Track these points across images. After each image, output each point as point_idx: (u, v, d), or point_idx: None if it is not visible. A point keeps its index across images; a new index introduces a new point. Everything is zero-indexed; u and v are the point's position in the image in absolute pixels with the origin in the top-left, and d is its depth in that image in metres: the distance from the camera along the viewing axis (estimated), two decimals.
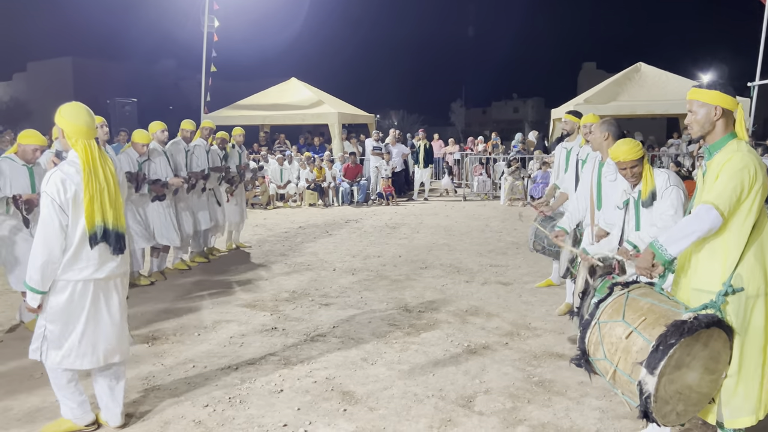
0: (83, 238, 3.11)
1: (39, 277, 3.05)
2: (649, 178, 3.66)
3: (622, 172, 3.71)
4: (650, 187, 3.65)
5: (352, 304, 6.07)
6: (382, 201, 14.33)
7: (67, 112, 3.16)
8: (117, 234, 3.20)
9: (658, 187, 3.64)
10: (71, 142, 3.14)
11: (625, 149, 3.62)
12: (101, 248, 3.16)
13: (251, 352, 4.76)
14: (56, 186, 3.04)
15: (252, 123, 17.09)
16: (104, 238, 3.14)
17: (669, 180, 3.64)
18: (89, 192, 3.07)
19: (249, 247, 9.14)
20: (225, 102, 18.05)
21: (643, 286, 3.07)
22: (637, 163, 3.64)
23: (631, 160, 3.62)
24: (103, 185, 3.13)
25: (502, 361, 4.52)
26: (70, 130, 3.14)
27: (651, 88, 15.87)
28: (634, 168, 3.65)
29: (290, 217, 12.53)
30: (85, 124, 3.15)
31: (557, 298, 6.12)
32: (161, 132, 7.09)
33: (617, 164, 3.71)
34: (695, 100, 2.91)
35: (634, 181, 3.72)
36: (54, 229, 3.04)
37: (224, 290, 6.67)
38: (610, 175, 4.51)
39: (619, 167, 3.71)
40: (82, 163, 3.10)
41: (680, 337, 2.65)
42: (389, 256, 8.31)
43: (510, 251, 8.59)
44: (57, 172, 3.08)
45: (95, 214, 3.10)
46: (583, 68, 64.75)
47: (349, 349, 4.80)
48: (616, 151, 3.65)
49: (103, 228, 3.13)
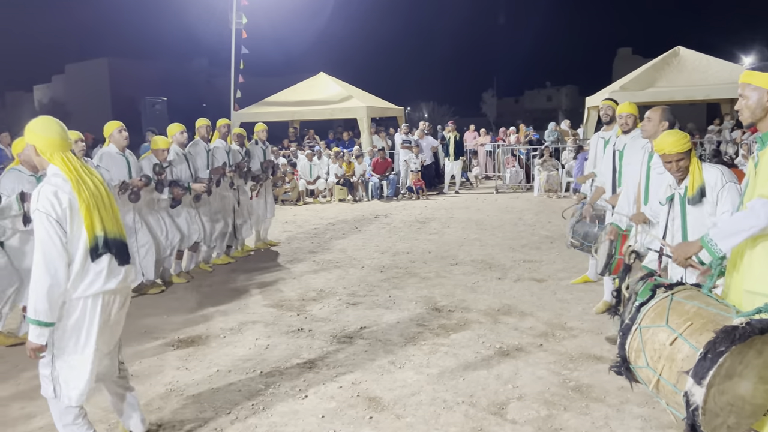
0: (86, 251, 2.90)
1: (46, 306, 2.76)
2: (697, 173, 3.39)
3: (667, 165, 3.44)
4: (698, 183, 3.38)
5: (380, 303, 5.92)
6: (412, 195, 14.13)
7: (37, 127, 2.94)
8: (119, 243, 3.02)
9: (711, 185, 3.35)
10: (47, 157, 2.92)
11: (671, 141, 3.36)
12: (107, 259, 2.96)
13: (276, 356, 4.65)
14: (49, 200, 2.79)
15: (281, 119, 17.07)
16: (106, 248, 2.94)
17: (723, 177, 3.34)
18: (84, 200, 2.86)
19: (278, 245, 9.07)
20: (256, 98, 18.06)
21: (689, 287, 2.82)
22: (683, 156, 3.38)
23: (677, 153, 3.36)
24: (95, 193, 2.94)
25: (536, 364, 4.31)
26: (43, 145, 2.92)
27: (690, 73, 15.25)
28: (680, 161, 3.39)
29: (320, 213, 12.45)
30: (58, 135, 2.93)
31: (594, 296, 5.86)
32: (180, 134, 7.00)
33: (662, 157, 3.44)
34: (747, 83, 2.65)
35: (680, 176, 3.45)
36: (54, 247, 2.78)
37: (251, 290, 6.60)
38: (659, 167, 4.21)
39: (663, 160, 3.44)
40: (66, 174, 2.88)
41: (731, 345, 2.41)
42: (419, 252, 8.13)
43: (544, 245, 8.32)
44: (45, 186, 2.84)
45: (95, 223, 2.90)
46: (619, 54, 63.10)
47: (377, 352, 4.65)
48: (662, 143, 3.39)
49: (104, 238, 2.93)
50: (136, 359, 4.60)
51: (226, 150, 7.77)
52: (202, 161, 7.32)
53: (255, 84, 21.67)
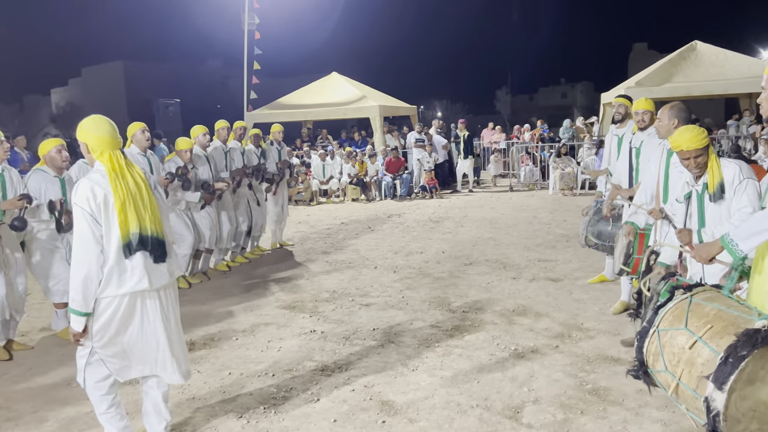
0: (120, 248, 2.94)
1: (81, 297, 2.87)
2: (716, 169, 3.30)
3: (684, 162, 3.35)
4: (717, 180, 3.28)
5: (393, 304, 5.87)
6: (426, 194, 14.06)
7: (89, 125, 3.04)
8: (156, 240, 3.03)
9: (729, 181, 3.27)
10: (96, 155, 3.01)
11: (688, 137, 3.27)
12: (142, 257, 2.99)
13: (288, 358, 4.62)
14: (85, 194, 2.89)
15: (294, 119, 17.08)
16: (141, 245, 2.97)
17: (741, 172, 3.25)
18: (119, 196, 2.91)
19: (292, 246, 9.06)
20: (269, 99, 18.11)
21: (709, 289, 2.74)
22: (701, 152, 3.29)
23: (695, 149, 3.27)
24: (134, 190, 2.98)
25: (552, 367, 4.23)
26: (94, 143, 3.01)
27: (708, 68, 15.00)
28: (698, 158, 3.30)
29: (333, 212, 12.43)
30: (108, 134, 3.02)
31: (611, 296, 5.76)
32: (203, 136, 7.06)
33: (679, 153, 3.35)
34: None
35: (698, 173, 3.36)
36: (89, 241, 2.87)
37: (264, 291, 6.58)
38: (680, 166, 4.12)
39: (681, 157, 3.35)
40: (108, 171, 2.97)
41: (753, 348, 2.33)
42: (432, 252, 8.07)
43: (560, 244, 8.22)
44: (84, 181, 2.95)
45: (129, 220, 2.94)
46: (634, 49, 62.38)
47: (389, 354, 4.60)
48: (679, 140, 3.30)
49: (138, 235, 2.96)
50: None
51: (241, 151, 7.78)
52: (221, 162, 7.35)
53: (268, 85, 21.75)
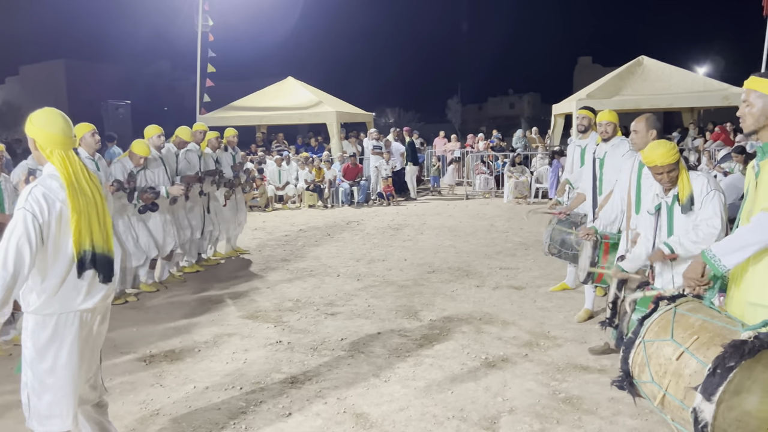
0: (69, 265, 2.66)
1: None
2: (686, 182, 3.38)
3: (657, 176, 3.43)
4: (688, 192, 3.37)
5: (359, 313, 5.78)
6: (383, 201, 14.03)
7: (39, 120, 2.71)
8: (105, 259, 2.76)
9: (697, 193, 3.36)
10: (46, 154, 2.70)
11: (662, 152, 3.34)
12: (89, 276, 2.72)
13: (255, 370, 4.46)
14: (38, 203, 2.56)
15: (248, 123, 16.77)
16: (92, 264, 2.69)
17: (709, 184, 3.35)
18: (76, 210, 2.63)
19: (248, 253, 8.83)
20: (221, 102, 17.70)
21: (691, 299, 2.77)
22: (674, 166, 3.37)
23: (668, 164, 3.35)
24: (90, 201, 2.71)
25: (523, 376, 4.23)
26: (44, 140, 2.69)
27: (654, 82, 15.59)
28: (671, 172, 3.37)
29: (290, 219, 12.22)
30: (61, 132, 2.71)
31: (574, 304, 5.84)
32: (157, 137, 6.76)
33: (652, 169, 3.42)
34: (753, 89, 2.61)
35: (669, 186, 3.44)
36: (27, 249, 2.50)
37: (224, 300, 6.37)
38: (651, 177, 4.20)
39: (654, 172, 3.42)
40: (63, 178, 2.65)
41: (740, 359, 2.36)
42: (394, 260, 8.02)
43: (519, 252, 8.31)
44: (37, 187, 2.61)
45: (83, 236, 2.66)
46: (579, 62, 64.46)
47: (360, 364, 4.50)
48: (652, 155, 3.37)
49: (91, 253, 2.69)
50: (107, 376, 4.30)
51: (198, 154, 7.53)
52: (172, 165, 7.10)
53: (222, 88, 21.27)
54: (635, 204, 4.45)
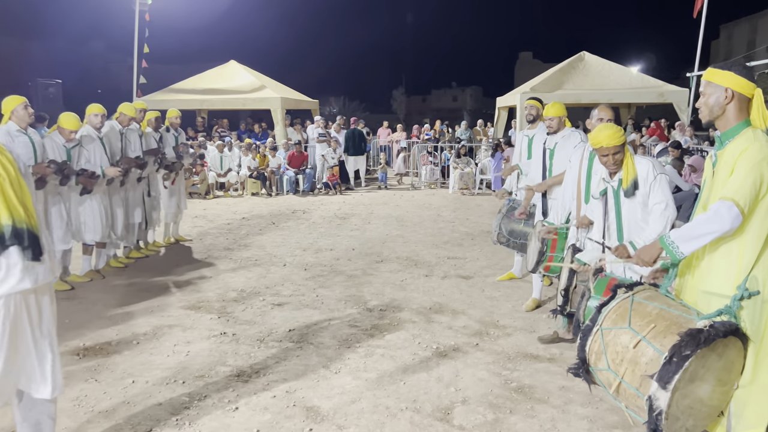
0: None
1: None
2: (630, 166, 3.44)
3: (603, 159, 3.47)
4: (632, 176, 3.43)
5: (307, 303, 5.63)
6: (329, 190, 13.84)
7: None
8: (30, 234, 2.56)
9: (643, 177, 3.43)
10: None
11: (608, 134, 3.38)
12: (16, 253, 2.52)
13: (199, 363, 4.26)
14: None
15: (188, 107, 16.15)
16: (15, 239, 2.50)
17: (654, 168, 3.42)
18: None
19: (189, 241, 8.50)
20: (158, 86, 16.99)
21: (648, 288, 2.79)
22: (619, 149, 3.42)
23: (614, 146, 3.39)
24: (3, 175, 2.50)
25: (475, 365, 4.21)
26: None
27: (594, 78, 16.02)
28: (616, 155, 3.42)
29: (232, 207, 11.87)
30: None
31: (522, 293, 5.89)
32: (95, 116, 6.38)
33: (598, 150, 3.45)
34: (709, 81, 2.64)
35: (614, 169, 3.49)
36: None
37: (164, 290, 6.08)
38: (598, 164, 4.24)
39: (600, 153, 3.46)
40: None
41: (696, 348, 2.37)
42: (342, 249, 7.89)
43: (466, 242, 8.34)
44: None
45: (0, 211, 2.47)
46: (520, 58, 65.83)
47: (309, 356, 4.37)
48: (598, 137, 3.40)
49: (12, 228, 2.49)
50: None
51: (140, 134, 7.16)
52: (116, 145, 6.74)
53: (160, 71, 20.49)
54: (585, 194, 4.50)
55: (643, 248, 2.78)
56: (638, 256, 2.78)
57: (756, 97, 2.59)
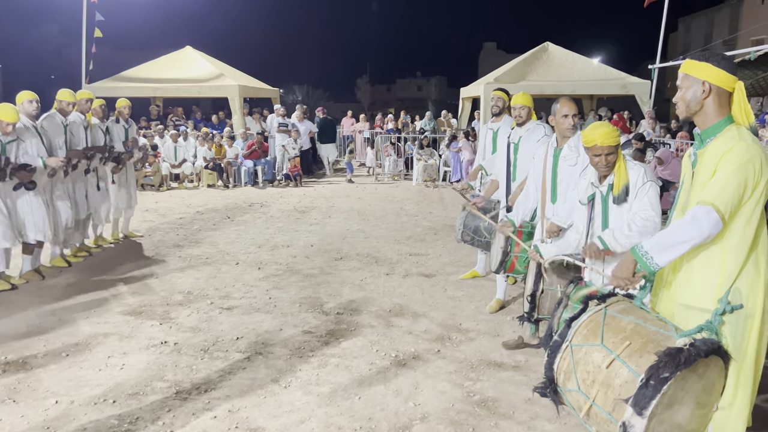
0: None
1: None
2: (622, 171, 3.17)
3: (595, 159, 3.18)
4: (624, 182, 3.15)
5: (259, 306, 5.27)
6: (289, 182, 13.41)
7: None
8: None
9: (633, 183, 3.15)
10: None
11: (603, 132, 3.10)
12: None
13: (134, 378, 3.88)
14: None
15: (142, 95, 15.47)
16: None
17: (645, 175, 3.16)
18: None
19: (141, 237, 8.02)
20: (111, 72, 16.21)
21: (622, 299, 2.54)
22: (613, 150, 3.14)
23: (608, 146, 3.11)
24: None
25: (436, 376, 3.94)
26: None
27: (558, 69, 15.90)
28: (609, 156, 3.14)
29: (186, 200, 11.35)
30: None
31: (485, 293, 5.65)
32: (29, 102, 5.88)
33: (591, 150, 3.17)
34: (686, 74, 2.39)
35: (606, 172, 3.21)
36: None
37: (105, 293, 5.64)
38: (570, 159, 3.97)
39: (592, 153, 3.17)
40: None
41: (676, 370, 2.13)
42: (300, 246, 7.53)
43: (428, 238, 8.08)
44: None
45: None
46: (484, 48, 65.90)
47: (257, 368, 4.03)
48: (593, 135, 3.11)
49: None
50: None
51: (85, 126, 6.65)
52: (60, 138, 6.24)
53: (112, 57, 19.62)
54: (551, 192, 4.25)
55: (618, 266, 2.50)
56: (615, 275, 2.51)
57: (737, 91, 2.35)
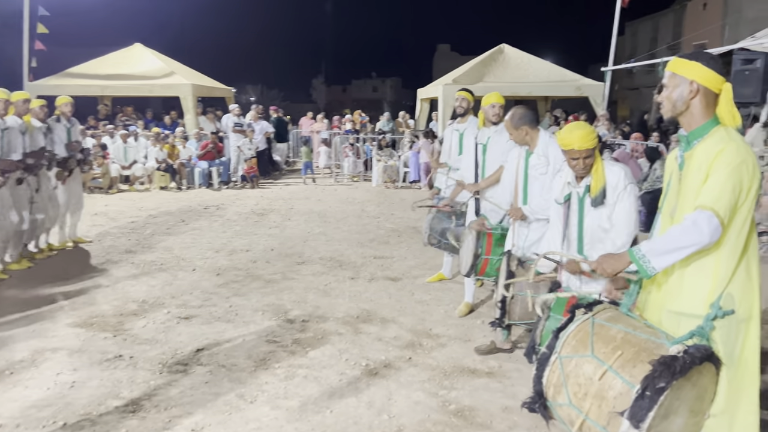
0: None
1: None
2: (600, 172, 3.09)
3: (572, 162, 3.09)
4: (601, 183, 3.08)
5: (219, 315, 5.03)
6: (245, 184, 13.06)
7: None
8: None
9: (612, 185, 3.08)
10: None
11: (580, 135, 3.01)
12: None
13: (86, 397, 3.59)
14: None
15: (89, 94, 14.83)
16: None
17: (626, 176, 3.09)
18: None
19: (89, 242, 7.61)
20: (57, 70, 15.47)
21: (608, 307, 2.45)
22: (591, 152, 3.06)
23: (586, 149, 3.02)
24: None
25: (409, 385, 3.80)
26: None
27: (514, 70, 16.06)
28: (587, 159, 3.06)
29: (137, 203, 10.89)
30: None
31: (453, 296, 5.55)
32: None
33: (568, 153, 3.08)
34: (674, 72, 2.32)
35: (583, 174, 3.12)
36: None
37: (52, 304, 5.27)
38: (541, 168, 3.93)
39: (569, 156, 3.08)
40: None
41: (672, 379, 2.05)
42: (260, 250, 7.28)
43: (392, 240, 7.95)
44: None
45: None
46: (438, 50, 66.32)
47: (220, 382, 3.81)
48: (570, 138, 3.02)
49: None
50: None
51: (22, 131, 6.20)
52: None
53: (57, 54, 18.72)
54: (522, 195, 4.19)
55: (609, 257, 2.42)
56: (600, 263, 2.42)
57: (724, 92, 2.29)
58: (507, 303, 3.79)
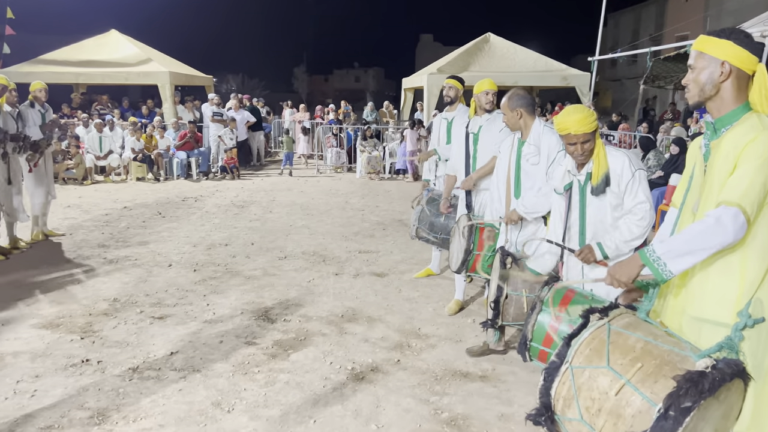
0: None
1: None
2: (601, 158, 2.86)
3: (570, 148, 2.86)
4: (603, 170, 2.85)
5: (195, 314, 4.74)
6: (225, 175, 12.70)
7: None
8: None
9: (617, 173, 2.85)
10: None
11: (577, 118, 2.78)
12: None
13: (48, 407, 3.30)
14: None
15: (62, 81, 14.30)
16: None
17: (632, 164, 2.85)
18: None
19: (61, 236, 7.24)
20: (28, 57, 14.90)
21: (626, 312, 2.22)
22: (590, 137, 2.83)
23: (583, 134, 2.80)
24: None
25: (398, 390, 3.56)
26: None
27: (500, 60, 15.84)
28: (585, 144, 2.83)
29: (113, 194, 10.49)
30: None
31: (443, 292, 5.32)
32: None
33: (565, 138, 2.85)
34: (701, 52, 2.08)
35: (583, 160, 2.90)
36: None
37: (17, 303, 4.94)
38: (533, 158, 3.71)
39: (567, 141, 2.86)
40: None
41: (699, 399, 1.81)
42: (240, 244, 6.98)
43: (377, 233, 7.69)
44: None
45: None
46: (421, 40, 65.95)
47: (195, 389, 3.53)
48: (566, 122, 2.80)
49: None
50: None
51: None
52: None
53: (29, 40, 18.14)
54: (514, 187, 3.96)
55: (620, 264, 2.19)
56: (612, 275, 2.19)
57: (759, 74, 2.05)
58: (501, 303, 3.55)
